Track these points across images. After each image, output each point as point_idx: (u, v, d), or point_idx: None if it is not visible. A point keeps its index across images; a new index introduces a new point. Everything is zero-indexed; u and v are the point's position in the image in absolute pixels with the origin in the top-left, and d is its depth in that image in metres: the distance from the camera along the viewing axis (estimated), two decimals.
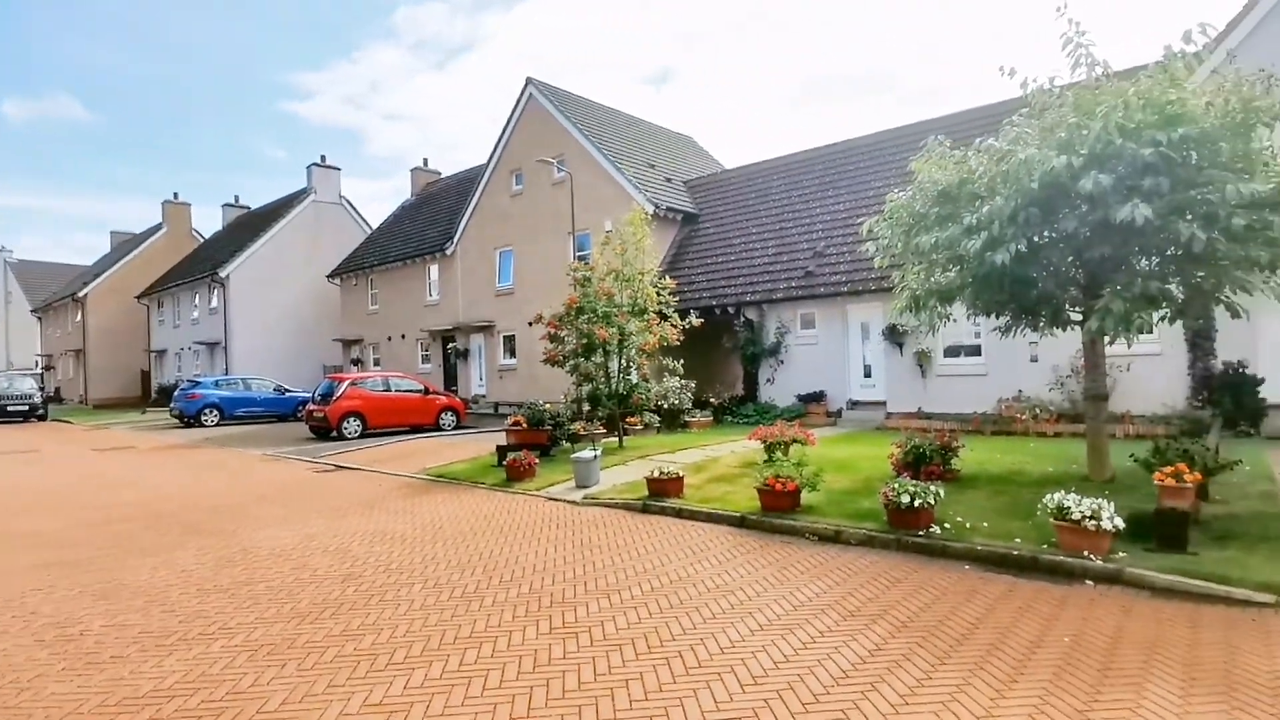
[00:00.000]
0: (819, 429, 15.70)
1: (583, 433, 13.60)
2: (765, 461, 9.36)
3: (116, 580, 6.56)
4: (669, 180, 24.78)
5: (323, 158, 38.57)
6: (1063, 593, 5.44)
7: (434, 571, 6.56)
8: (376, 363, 32.30)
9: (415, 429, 20.45)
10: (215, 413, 24.97)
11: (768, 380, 19.12)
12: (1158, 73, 6.95)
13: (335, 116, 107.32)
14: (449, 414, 21.16)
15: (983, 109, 18.38)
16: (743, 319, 19.41)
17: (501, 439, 13.66)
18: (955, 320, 11.04)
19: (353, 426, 19.21)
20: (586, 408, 15.05)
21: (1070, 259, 7.91)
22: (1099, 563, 5.71)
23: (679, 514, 8.53)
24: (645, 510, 8.87)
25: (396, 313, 31.32)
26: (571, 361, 13.23)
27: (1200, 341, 12.99)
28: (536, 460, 11.40)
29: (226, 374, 31.96)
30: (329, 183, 38.84)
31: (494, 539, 7.75)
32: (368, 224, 40.00)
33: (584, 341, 12.92)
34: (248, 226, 39.93)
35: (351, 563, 6.95)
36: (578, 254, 21.36)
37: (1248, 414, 12.13)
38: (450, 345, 27.72)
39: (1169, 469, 6.20)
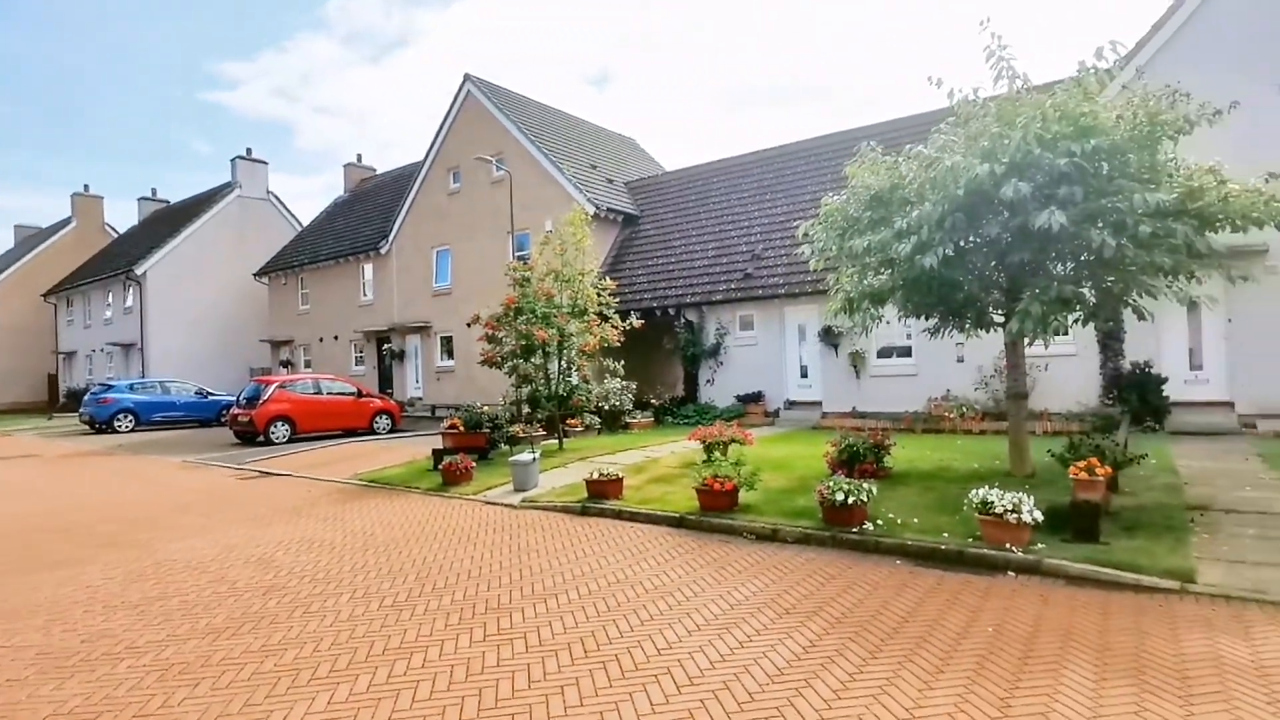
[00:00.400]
0: (757, 429, 15.93)
1: (522, 435, 13.40)
2: (704, 462, 9.42)
3: (15, 598, 6.09)
4: (610, 181, 24.75)
5: (248, 150, 36.98)
6: (987, 584, 5.64)
7: (363, 580, 6.33)
8: (307, 365, 31.16)
9: (348, 433, 19.80)
10: (130, 418, 23.60)
11: (708, 381, 19.29)
12: (1072, 87, 7.30)
13: (264, 108, 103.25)
14: (383, 417, 20.57)
15: (914, 117, 19.01)
16: (683, 320, 19.53)
17: (438, 442, 13.34)
18: (888, 322, 11.36)
19: (281, 431, 18.45)
20: (526, 410, 14.87)
21: (993, 263, 8.23)
22: (1020, 554, 5.94)
23: (618, 515, 8.49)
24: (585, 512, 8.79)
25: (328, 313, 30.29)
26: (510, 363, 13.03)
27: (1110, 343, 13.75)
28: (473, 464, 11.18)
29: (143, 377, 30.26)
30: (255, 177, 37.27)
31: (428, 545, 7.54)
32: (298, 220, 38.58)
33: (523, 343, 12.74)
34: (167, 221, 37.93)
35: (275, 574, 6.64)
36: (517, 254, 21.08)
37: (1152, 411, 12.89)
38: (385, 347, 26.97)
39: (1082, 464, 6.52)
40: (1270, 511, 6.87)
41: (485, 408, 13.89)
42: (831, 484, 7.09)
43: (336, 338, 29.98)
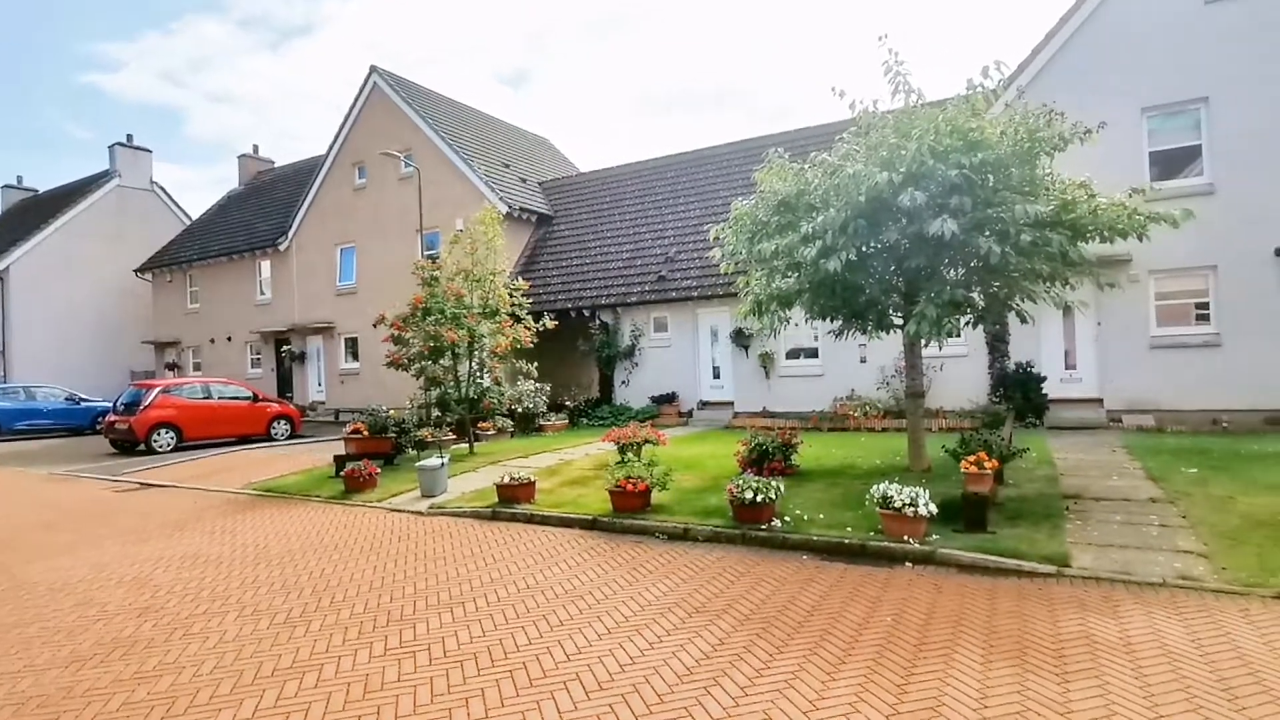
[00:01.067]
0: (671, 429, 16.07)
1: (430, 439, 12.99)
2: (617, 463, 9.39)
3: None
4: (524, 181, 24.42)
5: (129, 137, 34.21)
6: (886, 575, 5.87)
7: (253, 597, 5.93)
8: (197, 368, 29.17)
9: (243, 440, 18.63)
10: None
11: (623, 382, 19.32)
12: (962, 104, 7.74)
13: (149, 93, 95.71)
14: (282, 422, 19.48)
15: (820, 127, 19.70)
16: (598, 322, 19.49)
17: (340, 448, 12.73)
18: (796, 325, 11.74)
19: (165, 439, 17.14)
20: (436, 413, 14.43)
21: (892, 268, 8.61)
22: (917, 546, 6.22)
23: (530, 519, 8.34)
24: (495, 517, 8.59)
25: (221, 312, 28.44)
26: (417, 365, 12.59)
27: (997, 345, 14.69)
28: (378, 470, 10.73)
29: (4, 381, 27.47)
30: (138, 166, 34.52)
31: (327, 557, 7.16)
32: (186, 214, 36.04)
33: (431, 344, 12.33)
34: (34, 212, 34.56)
35: (152, 594, 6.13)
36: (426, 253, 20.44)
37: (1034, 408, 13.85)
38: (285, 348, 25.54)
39: (972, 458, 6.92)
40: (1133, 499, 7.49)
41: (391, 411, 13.38)
42: (741, 483, 7.21)
43: (230, 339, 28.20)
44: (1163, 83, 13.64)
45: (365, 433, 12.19)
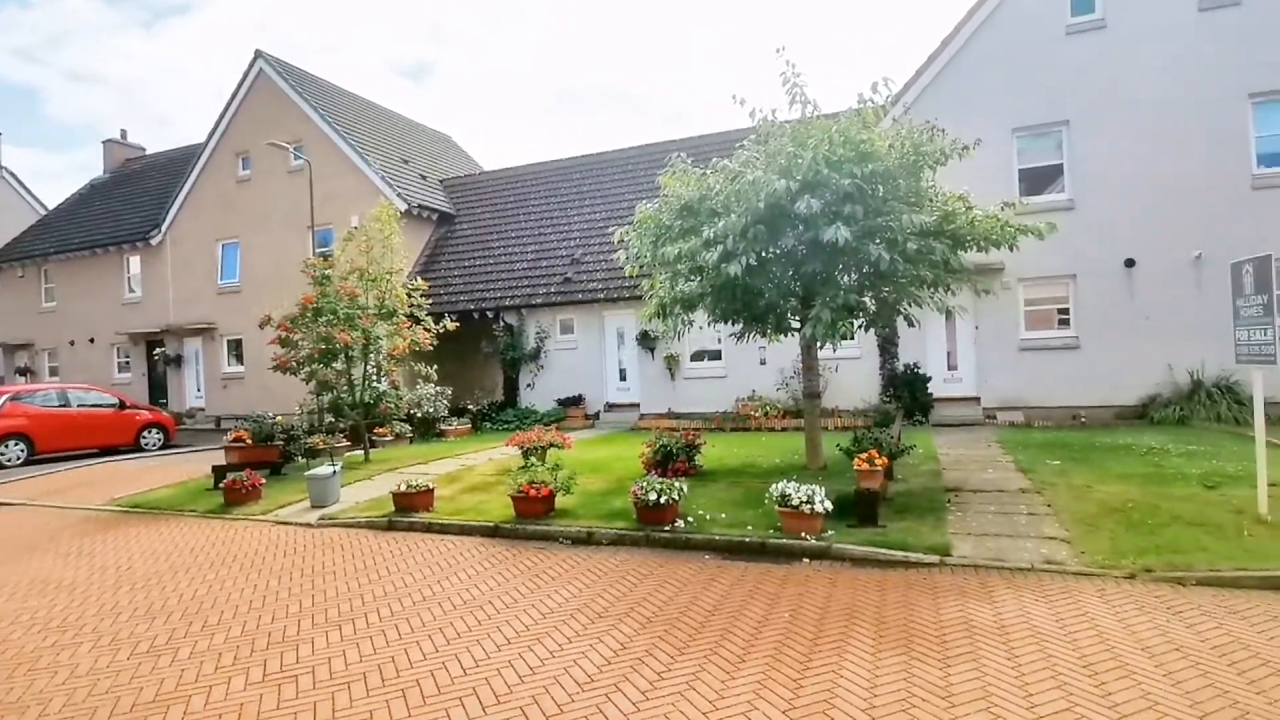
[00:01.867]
0: (577, 432, 15.97)
1: (323, 447, 12.31)
2: (520, 468, 9.20)
3: None
4: (424, 178, 23.64)
5: None
6: (785, 572, 6.02)
7: (112, 625, 5.39)
8: (54, 373, 26.46)
9: (108, 451, 17.03)
10: None
11: (528, 385, 19.03)
12: (853, 116, 8.08)
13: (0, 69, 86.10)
14: (154, 431, 17.96)
15: (722, 134, 20.12)
16: (502, 324, 19.12)
17: (220, 458, 11.86)
18: (701, 328, 11.92)
19: (14, 451, 15.43)
20: (329, 419, 13.69)
21: (790, 273, 8.87)
22: (814, 542, 6.42)
23: (428, 528, 8.04)
24: (391, 527, 8.22)
25: (82, 311, 25.92)
26: (307, 368, 11.89)
27: (887, 347, 15.49)
28: (263, 480, 10.05)
29: None
30: None
31: (200, 576, 6.61)
32: (41, 203, 32.70)
33: (323, 346, 11.68)
34: None
35: None
36: (318, 251, 19.40)
37: (920, 406, 14.69)
38: (158, 351, 23.60)
39: (864, 456, 7.22)
40: (1006, 490, 8.05)
41: (279, 418, 12.58)
42: (645, 484, 7.23)
43: (93, 340, 25.75)
44: (1030, 106, 14.81)
45: (248, 441, 11.39)
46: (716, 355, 17.33)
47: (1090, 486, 7.95)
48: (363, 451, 12.80)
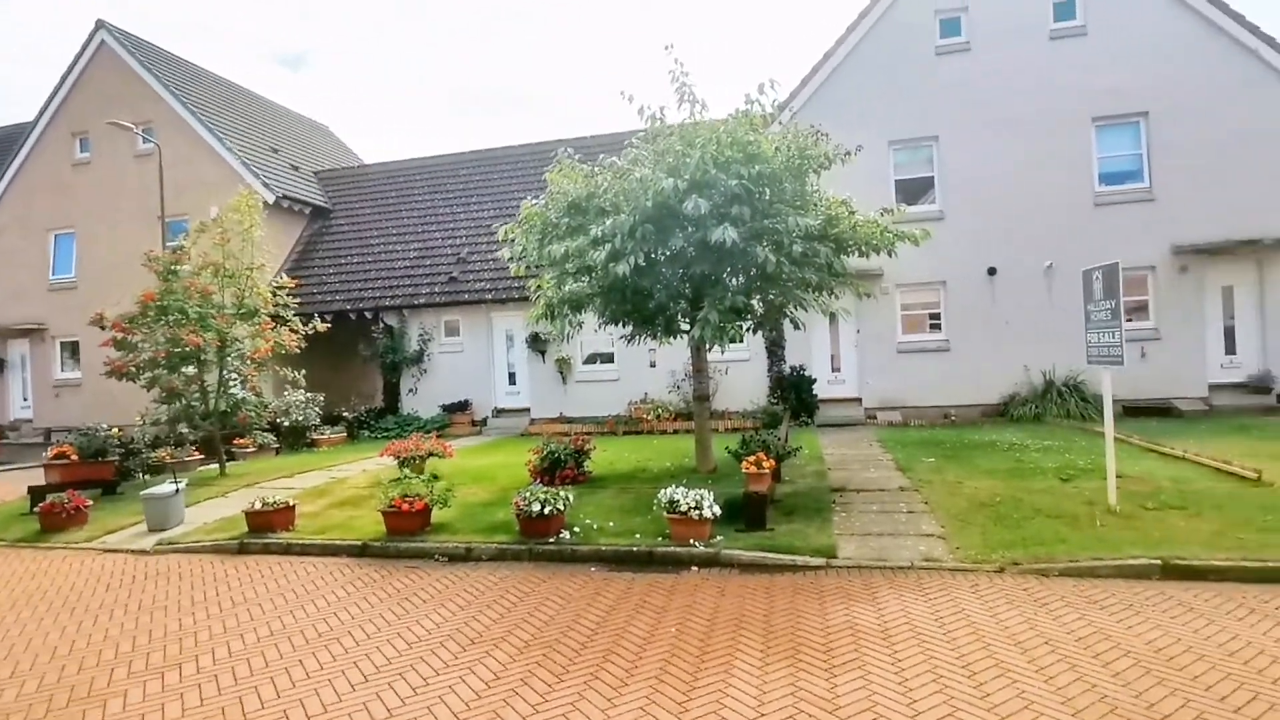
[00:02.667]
0: (464, 439, 15.28)
1: (170, 461, 11.03)
2: (394, 480, 8.53)
3: None
4: (296, 169, 22.01)
5: None
6: (673, 582, 5.80)
7: None
8: None
9: None
10: None
11: (410, 390, 18.04)
12: (741, 118, 8.03)
13: None
14: None
15: (613, 135, 19.91)
16: (382, 325, 18.04)
17: (40, 476, 10.35)
18: (595, 330, 11.63)
19: None
20: (183, 429, 12.31)
21: (679, 274, 8.73)
22: (703, 548, 6.26)
23: (287, 550, 7.26)
24: (243, 551, 7.37)
25: None
26: (148, 374, 10.59)
27: (775, 350, 15.80)
28: (89, 502, 8.81)
29: None
30: None
31: None
32: None
33: (169, 349, 10.44)
34: None
35: None
36: (170, 244, 17.58)
37: (806, 407, 15.07)
38: None
39: (752, 459, 7.16)
40: (887, 488, 8.25)
41: (116, 430, 11.16)
42: (528, 494, 6.83)
43: None
44: (904, 120, 15.55)
45: (73, 457, 10.00)
46: (609, 358, 17.09)
47: (961, 482, 8.28)
48: (218, 466, 11.57)
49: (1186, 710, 3.46)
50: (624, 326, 9.66)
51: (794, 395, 15.07)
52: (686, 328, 9.38)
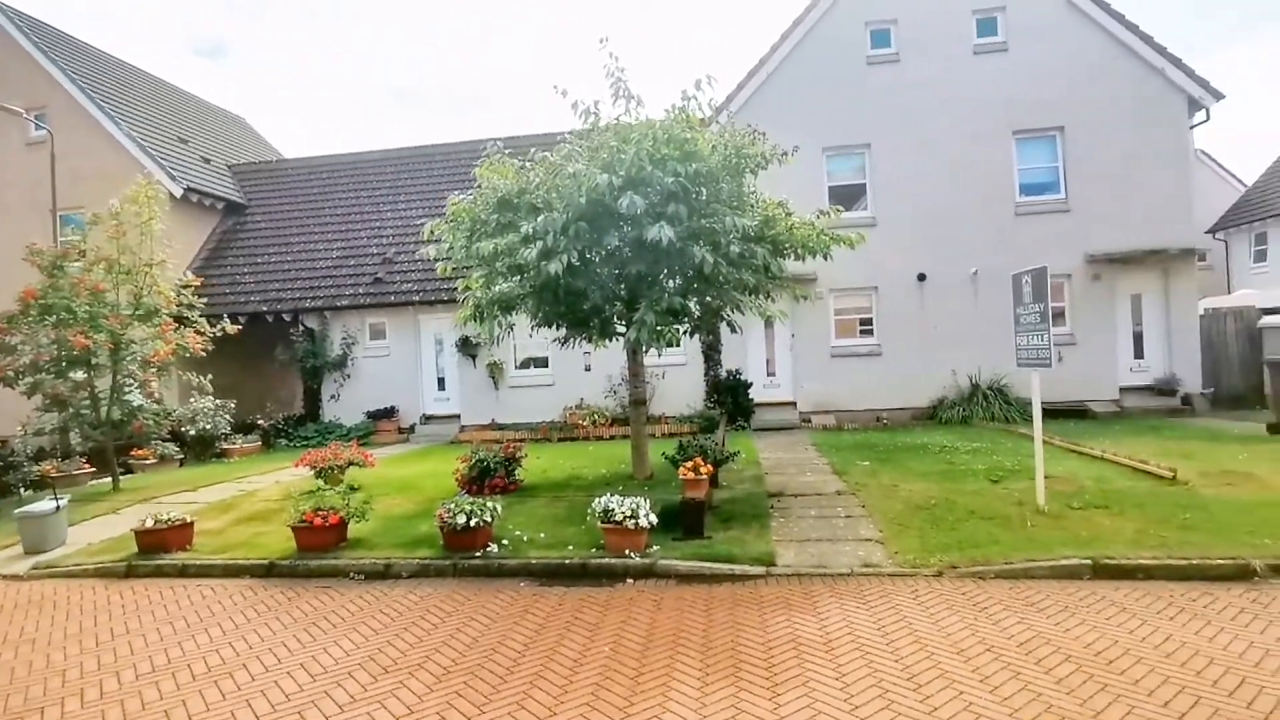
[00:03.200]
0: (390, 447, 14.61)
1: (56, 475, 10.02)
2: (307, 492, 7.91)
3: None
4: (208, 161, 20.70)
5: None
6: (607, 596, 5.50)
7: None
8: None
9: None
10: None
11: (332, 397, 17.13)
12: (678, 115, 7.83)
13: None
14: None
15: (550, 134, 19.47)
16: (302, 328, 17.08)
17: None
18: (530, 333, 11.21)
19: None
20: (77, 439, 11.23)
21: (614, 274, 8.46)
22: (638, 559, 5.97)
23: (183, 572, 6.59)
24: (130, 574, 6.66)
25: None
26: (29, 379, 9.59)
27: (711, 354, 15.72)
28: None
29: None
30: None
31: None
32: None
33: (53, 352, 9.48)
34: None
35: None
36: (62, 240, 16.17)
37: (743, 411, 15.04)
38: None
39: (689, 464, 6.93)
40: (824, 493, 8.18)
41: None
42: (454, 505, 6.40)
43: None
44: (838, 128, 15.75)
45: None
46: (544, 363, 16.66)
47: (897, 486, 8.29)
48: (111, 479, 10.59)
49: (1133, 717, 3.38)
50: (558, 329, 9.31)
51: (730, 399, 15.01)
52: (622, 330, 9.12)
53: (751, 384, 15.34)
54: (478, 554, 6.26)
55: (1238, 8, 69.20)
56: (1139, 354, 15.53)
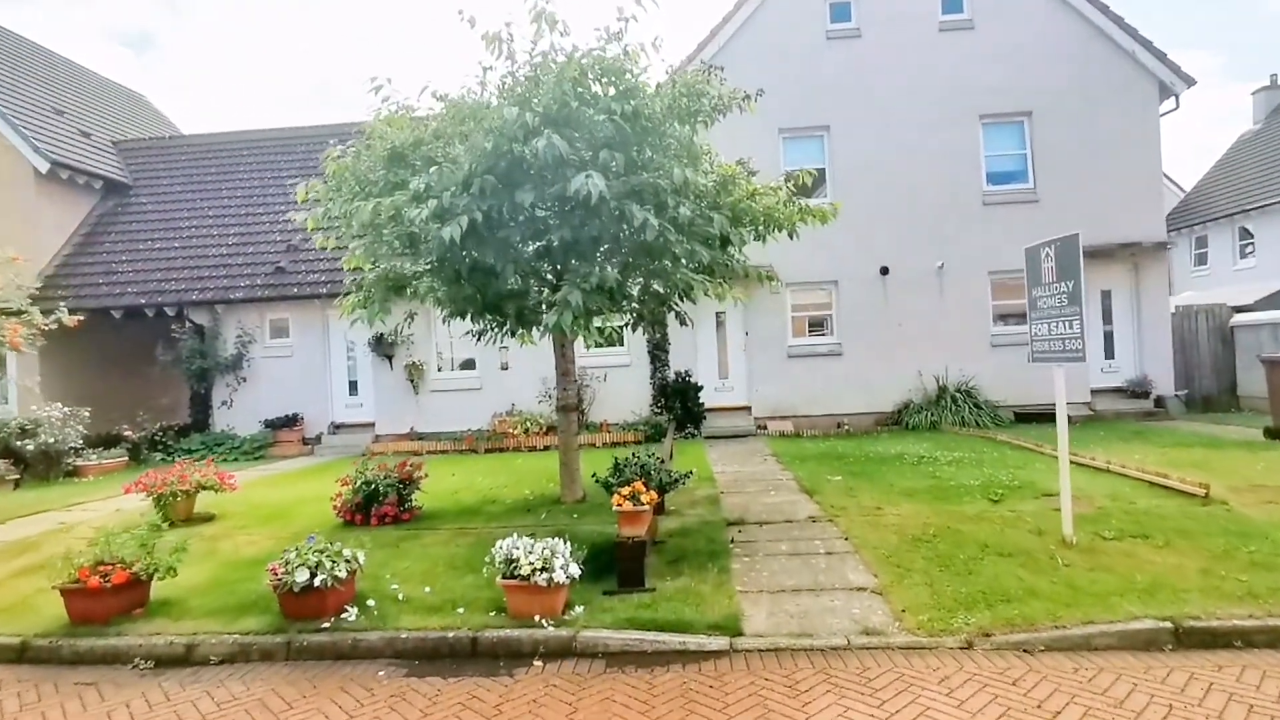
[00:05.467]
0: (290, 460, 12.63)
1: None
2: (120, 532, 5.85)
3: None
4: (88, 136, 18.08)
5: None
6: (503, 691, 3.79)
7: None
8: None
9: None
10: None
11: (224, 403, 14.86)
12: (613, 41, 6.16)
13: None
14: None
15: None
16: (188, 324, 14.77)
17: None
18: (444, 325, 9.36)
19: None
20: None
21: (536, 246, 6.75)
22: (552, 629, 4.28)
23: None
24: None
25: None
26: None
27: (658, 354, 14.12)
28: None
29: None
30: None
31: None
32: None
33: None
34: None
35: None
36: None
37: (693, 417, 13.48)
38: None
39: (627, 490, 5.24)
40: (795, 518, 6.63)
41: None
42: (296, 554, 4.57)
43: None
44: (795, 108, 14.36)
45: None
46: (470, 363, 14.78)
47: (881, 508, 6.81)
48: None
49: None
50: (468, 319, 7.50)
51: (679, 404, 13.46)
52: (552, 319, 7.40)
53: (703, 387, 13.81)
54: (326, 624, 4.45)
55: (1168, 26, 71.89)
56: (1109, 354, 14.62)
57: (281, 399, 14.77)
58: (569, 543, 4.63)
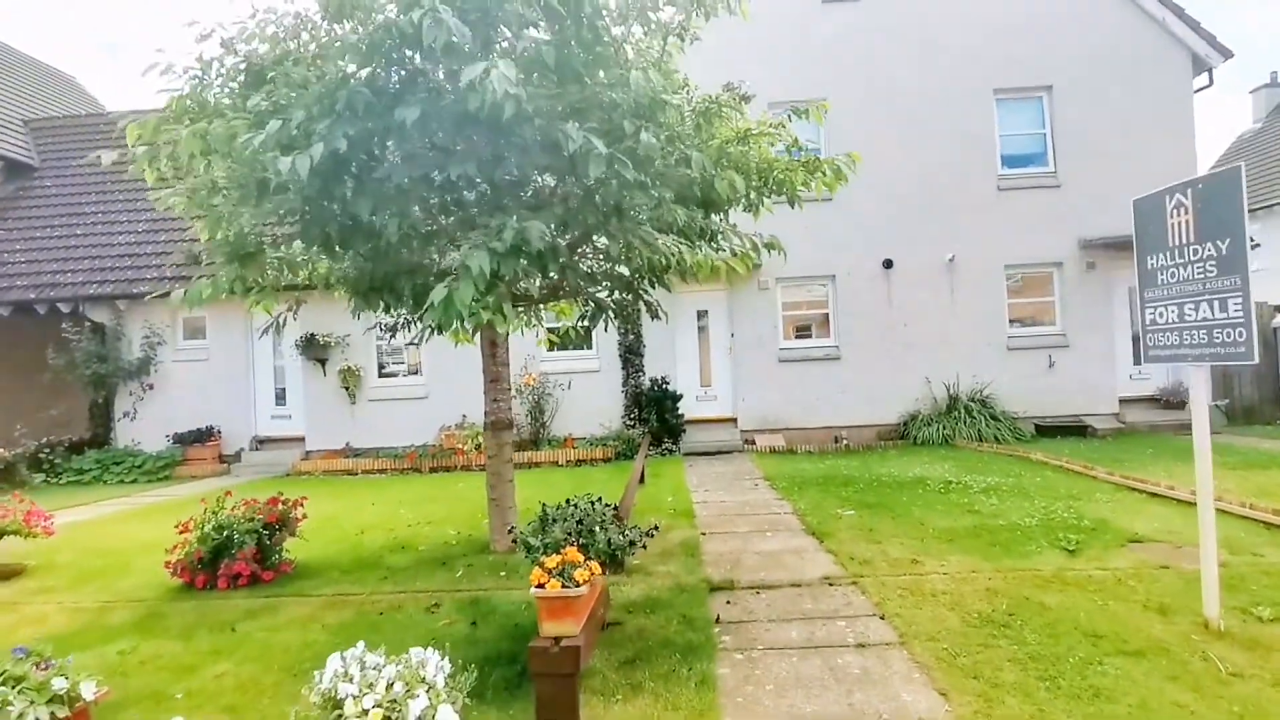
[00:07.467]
0: (198, 482, 10.69)
1: None
2: None
3: None
4: None
5: None
6: None
7: None
8: None
9: None
10: None
11: (127, 414, 12.80)
12: None
13: None
14: None
15: None
16: (86, 322, 12.71)
17: None
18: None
19: None
20: None
21: (436, 200, 4.84)
22: None
23: None
24: None
25: None
26: None
27: (631, 357, 12.30)
28: None
29: None
30: None
31: None
32: None
33: None
34: None
35: None
36: None
37: (670, 430, 11.66)
38: None
39: (554, 560, 3.33)
40: (804, 581, 4.78)
41: None
42: None
43: None
44: (787, 80, 12.62)
45: None
46: (416, 369, 12.87)
47: (919, 563, 5.00)
48: None
49: None
50: (368, 304, 5.54)
51: (655, 416, 11.64)
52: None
53: (682, 396, 12.00)
54: None
55: None
56: (1138, 359, 12.98)
57: (196, 409, 12.74)
58: (445, 661, 2.75)
